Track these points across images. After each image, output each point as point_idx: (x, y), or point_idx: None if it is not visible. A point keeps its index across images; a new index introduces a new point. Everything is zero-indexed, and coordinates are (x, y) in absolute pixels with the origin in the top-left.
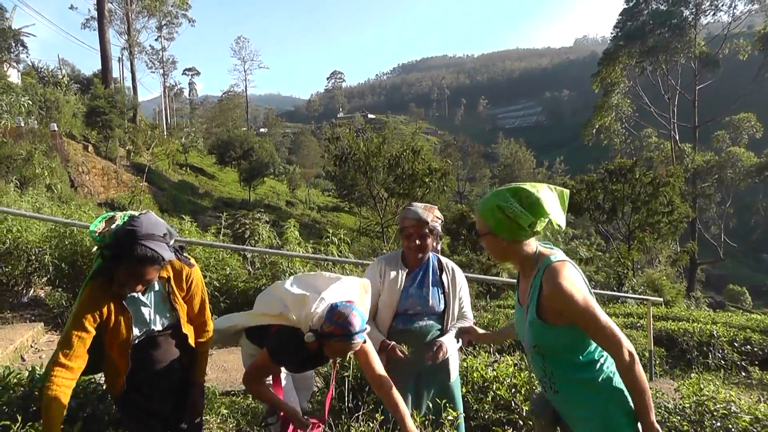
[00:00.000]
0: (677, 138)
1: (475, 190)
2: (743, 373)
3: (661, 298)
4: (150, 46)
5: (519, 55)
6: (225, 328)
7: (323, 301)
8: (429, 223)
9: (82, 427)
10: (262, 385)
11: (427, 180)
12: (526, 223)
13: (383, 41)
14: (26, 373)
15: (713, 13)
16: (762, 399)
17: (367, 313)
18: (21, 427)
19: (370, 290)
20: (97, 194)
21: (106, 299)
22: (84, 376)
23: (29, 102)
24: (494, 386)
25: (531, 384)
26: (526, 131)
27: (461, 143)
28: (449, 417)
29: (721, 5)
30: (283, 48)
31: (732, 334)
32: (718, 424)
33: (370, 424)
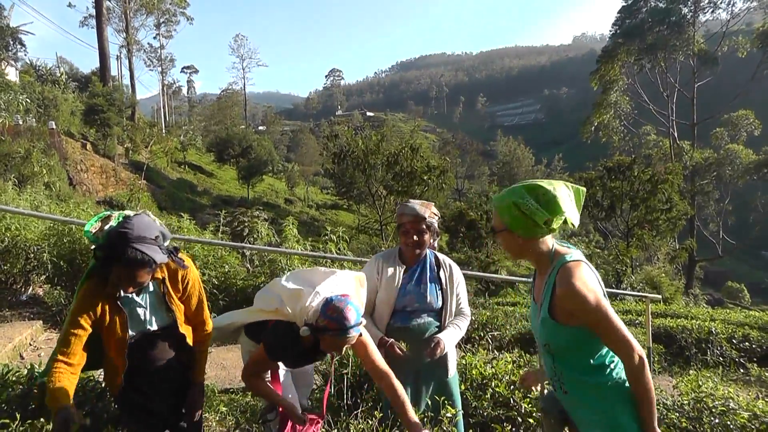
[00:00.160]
0: (676, 135)
1: (474, 188)
2: (741, 370)
3: (659, 296)
4: (148, 44)
5: (518, 53)
6: (224, 325)
7: (318, 295)
8: (426, 219)
9: (81, 425)
10: (261, 380)
11: (426, 177)
12: (541, 221)
13: (382, 39)
14: (25, 371)
15: (712, 11)
16: (760, 396)
17: (362, 307)
18: (20, 425)
19: (365, 284)
20: (96, 192)
21: (101, 298)
22: (87, 371)
23: (27, 100)
24: (493, 383)
25: None
26: (524, 129)
27: (460, 141)
28: (448, 414)
29: (720, 2)
30: (282, 46)
31: (730, 331)
32: (717, 421)
33: (369, 422)
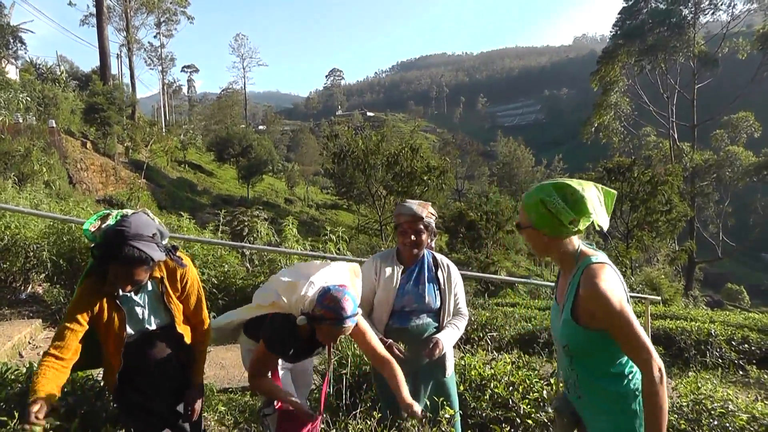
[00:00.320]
0: (676, 137)
1: (474, 189)
2: (741, 372)
3: (659, 297)
4: (149, 43)
5: (518, 54)
6: (223, 325)
7: (313, 284)
8: (423, 219)
9: (80, 424)
10: (266, 379)
11: (426, 178)
12: (567, 220)
13: (382, 39)
14: (24, 370)
15: (712, 12)
16: (759, 398)
17: (359, 297)
18: (18, 424)
19: (360, 274)
20: (96, 191)
21: (99, 296)
22: (87, 370)
23: (27, 98)
24: (492, 384)
25: (528, 382)
26: (524, 129)
27: (460, 141)
28: (446, 415)
29: (720, 4)
30: (282, 45)
31: (730, 332)
32: (716, 423)
33: (368, 422)
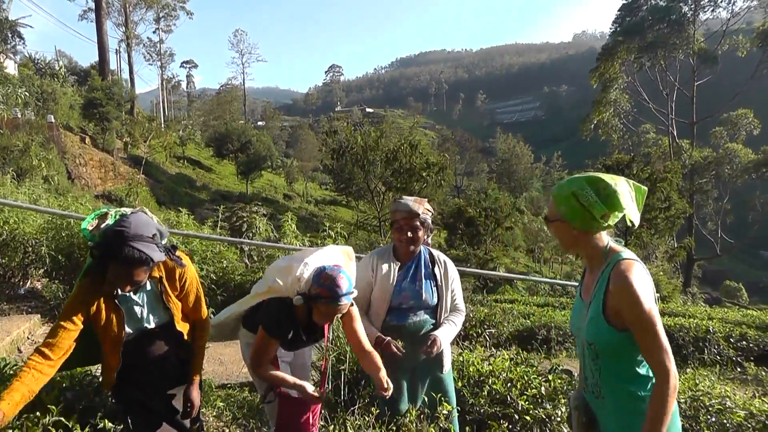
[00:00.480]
0: (675, 134)
1: (473, 185)
2: (738, 369)
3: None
4: (147, 38)
5: (517, 50)
6: (222, 320)
7: (307, 266)
8: (420, 216)
9: (79, 419)
10: (269, 367)
11: (425, 174)
12: (599, 214)
13: (382, 35)
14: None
15: (712, 9)
16: (757, 395)
17: (353, 278)
18: (16, 420)
19: (354, 258)
20: (94, 186)
21: (97, 296)
22: (86, 365)
23: (26, 93)
24: (490, 380)
25: (527, 379)
26: (524, 126)
27: (459, 138)
28: (444, 411)
29: (720, 1)
30: (282, 41)
31: (728, 330)
32: (713, 420)
33: (366, 418)
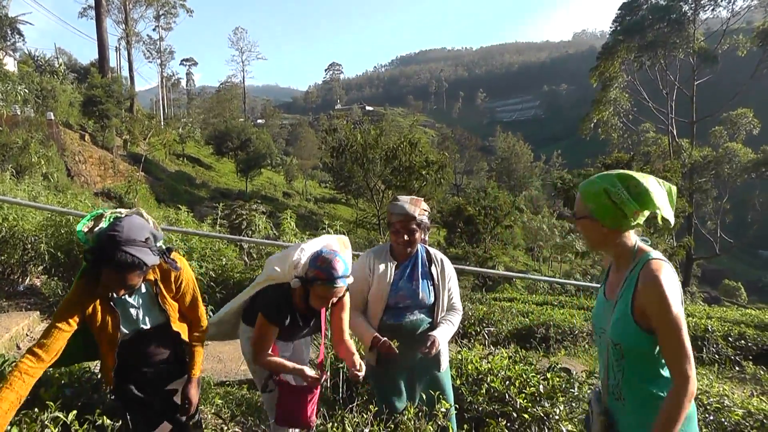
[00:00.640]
0: (675, 133)
1: (472, 183)
2: (737, 368)
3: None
4: (147, 35)
5: (517, 49)
6: (222, 316)
7: (304, 251)
8: (416, 218)
9: (77, 416)
10: (271, 355)
11: (424, 172)
12: (630, 212)
13: (382, 33)
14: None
15: (712, 9)
16: (755, 394)
17: (350, 262)
18: (15, 416)
19: (349, 246)
20: (94, 184)
21: (92, 298)
22: (85, 361)
23: (26, 90)
24: (488, 378)
25: (525, 377)
26: (523, 125)
27: (459, 136)
28: (442, 408)
29: (720, 0)
30: (282, 39)
31: (726, 329)
32: (711, 418)
33: (364, 415)
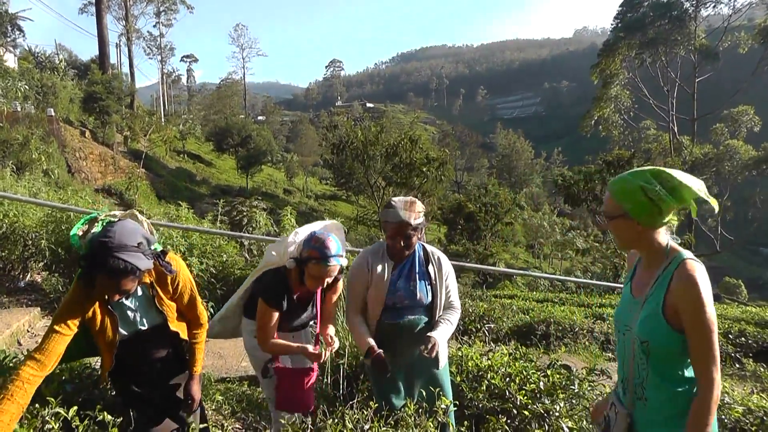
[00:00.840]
0: (676, 130)
1: (473, 180)
2: (737, 365)
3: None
4: (148, 32)
5: (518, 46)
6: (224, 312)
7: (298, 234)
8: (411, 224)
9: (78, 412)
10: (275, 339)
11: (425, 169)
12: (666, 208)
13: (382, 30)
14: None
15: (713, 6)
16: (755, 391)
17: (343, 244)
18: None
19: (342, 229)
20: (94, 180)
21: (90, 301)
22: (86, 358)
23: (26, 87)
24: (489, 375)
25: (525, 374)
26: (524, 122)
27: (459, 133)
28: (442, 405)
29: None
30: (282, 36)
31: (727, 326)
32: None
33: (364, 412)
